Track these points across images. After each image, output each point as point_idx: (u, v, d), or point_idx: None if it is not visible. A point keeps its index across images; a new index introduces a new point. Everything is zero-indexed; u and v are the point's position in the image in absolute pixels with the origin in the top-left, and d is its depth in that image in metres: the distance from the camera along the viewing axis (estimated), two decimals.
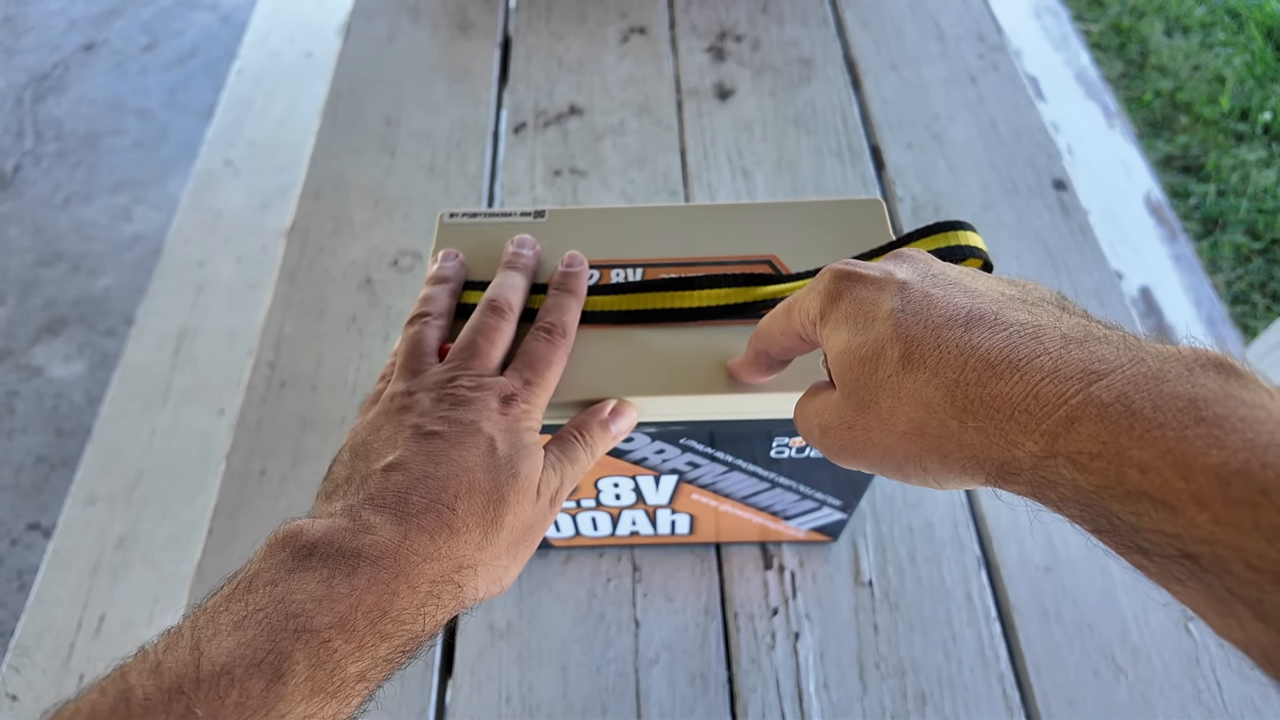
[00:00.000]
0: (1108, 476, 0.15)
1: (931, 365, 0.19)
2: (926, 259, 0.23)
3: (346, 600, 0.21)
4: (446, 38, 0.72)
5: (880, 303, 0.21)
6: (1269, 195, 1.34)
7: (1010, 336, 0.18)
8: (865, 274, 0.22)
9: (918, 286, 0.21)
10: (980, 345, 0.18)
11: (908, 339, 0.20)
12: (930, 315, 0.20)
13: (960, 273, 0.22)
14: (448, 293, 0.32)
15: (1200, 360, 0.16)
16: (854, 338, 0.21)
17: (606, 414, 0.29)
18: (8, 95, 1.60)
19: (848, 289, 0.22)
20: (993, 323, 0.19)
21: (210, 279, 0.58)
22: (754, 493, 0.37)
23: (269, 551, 0.23)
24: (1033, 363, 0.17)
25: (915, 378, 0.19)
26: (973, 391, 0.18)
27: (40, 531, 1.07)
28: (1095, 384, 0.16)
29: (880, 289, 0.21)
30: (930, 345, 0.19)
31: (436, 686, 0.40)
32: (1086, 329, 0.18)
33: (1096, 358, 0.17)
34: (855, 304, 0.22)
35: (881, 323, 0.21)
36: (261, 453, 0.48)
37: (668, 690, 0.39)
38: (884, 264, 0.23)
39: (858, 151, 0.62)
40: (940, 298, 0.20)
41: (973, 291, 0.20)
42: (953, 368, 0.19)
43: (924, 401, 0.19)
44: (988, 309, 0.19)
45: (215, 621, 0.20)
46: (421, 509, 0.24)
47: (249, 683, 0.19)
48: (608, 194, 0.60)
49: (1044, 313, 0.19)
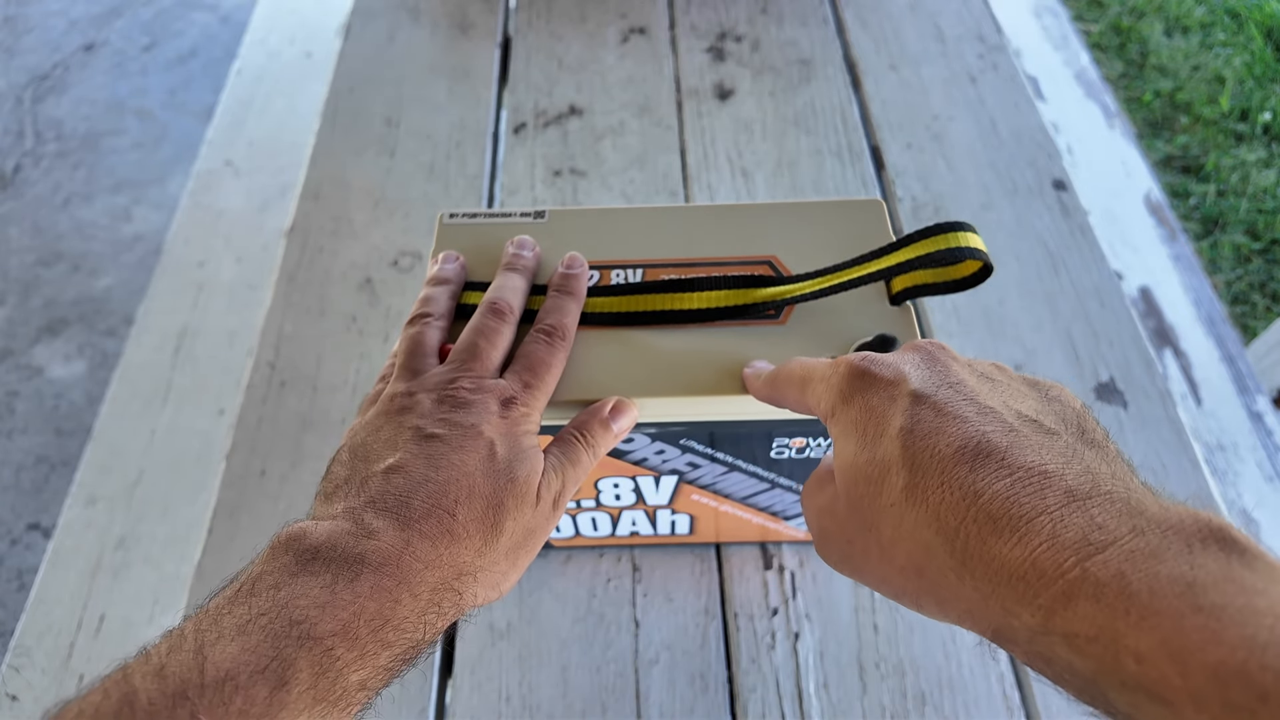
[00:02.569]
0: (1104, 662, 0.15)
1: (934, 505, 0.18)
2: (946, 357, 0.22)
3: (350, 608, 0.21)
4: (446, 38, 0.72)
5: (890, 417, 0.20)
6: (1269, 195, 1.34)
7: (1014, 485, 0.17)
8: (879, 376, 0.22)
9: (930, 399, 0.20)
10: (984, 491, 0.18)
11: (913, 467, 0.19)
12: (938, 444, 0.19)
13: (979, 378, 0.21)
14: (448, 294, 0.32)
15: (1201, 533, 0.15)
16: (861, 452, 0.21)
17: (607, 413, 0.29)
18: (8, 95, 1.60)
19: (860, 392, 0.22)
20: (1000, 462, 0.18)
21: (210, 279, 0.58)
22: (754, 493, 0.37)
23: (272, 554, 0.23)
24: (1033, 524, 0.17)
25: (917, 514, 0.19)
26: (973, 546, 0.17)
27: (40, 531, 1.07)
28: (1093, 558, 0.15)
29: (892, 399, 0.21)
30: (935, 481, 0.19)
31: (436, 686, 0.40)
32: (1094, 480, 0.17)
33: (1096, 525, 0.16)
34: (866, 412, 0.21)
35: (889, 441, 0.20)
36: (261, 453, 0.48)
37: (668, 690, 0.39)
38: (902, 362, 0.22)
39: (858, 152, 0.62)
40: (952, 418, 0.19)
41: (987, 412, 0.20)
42: (955, 513, 0.18)
43: (924, 543, 0.19)
44: (998, 442, 0.19)
45: (219, 624, 0.20)
46: (423, 514, 0.24)
47: (253, 689, 0.19)
48: (608, 194, 0.60)
49: (1057, 447, 0.18)
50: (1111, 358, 0.51)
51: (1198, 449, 0.47)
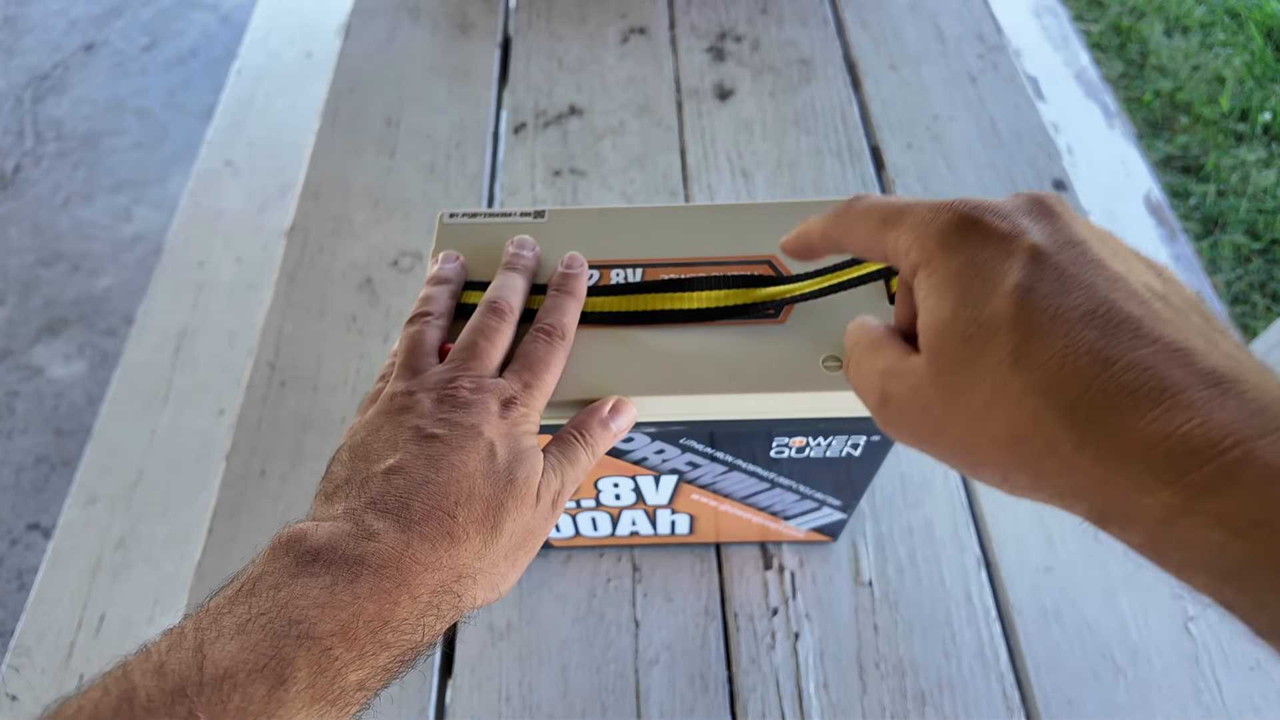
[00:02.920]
0: (1270, 546, 0.14)
1: (1053, 371, 0.16)
2: (1068, 216, 0.19)
3: (349, 608, 0.21)
4: (446, 38, 0.72)
5: (1004, 272, 0.18)
6: (1269, 195, 1.34)
7: (1155, 356, 0.16)
8: (994, 227, 0.19)
9: (1052, 258, 0.17)
10: (1118, 359, 0.16)
11: (1029, 328, 0.17)
12: (1062, 304, 0.17)
13: (1101, 242, 0.19)
14: (448, 293, 0.32)
15: None
16: (962, 308, 0.18)
17: (606, 412, 0.29)
18: (8, 95, 1.60)
19: (968, 243, 0.19)
20: (1135, 331, 0.16)
21: (210, 279, 0.58)
22: (754, 493, 0.37)
23: (272, 554, 0.23)
24: (1179, 398, 0.15)
25: (1028, 379, 0.17)
26: (1100, 418, 0.16)
27: (40, 531, 1.07)
28: (1257, 440, 0.14)
29: (1007, 253, 0.18)
30: (1056, 345, 0.16)
31: (436, 686, 0.40)
32: (1238, 364, 0.16)
33: (1255, 408, 0.15)
34: (972, 266, 0.18)
35: (1001, 299, 0.17)
36: (261, 453, 0.48)
37: (668, 690, 0.39)
38: (1018, 213, 0.19)
39: (857, 152, 0.62)
40: (1077, 280, 0.17)
41: (1115, 280, 0.17)
42: (1079, 381, 0.16)
43: (1031, 412, 0.17)
44: (1131, 311, 0.16)
45: (218, 623, 0.20)
46: (423, 515, 0.24)
47: (251, 688, 0.19)
48: (607, 194, 0.60)
49: (1190, 326, 0.17)
50: None
51: None
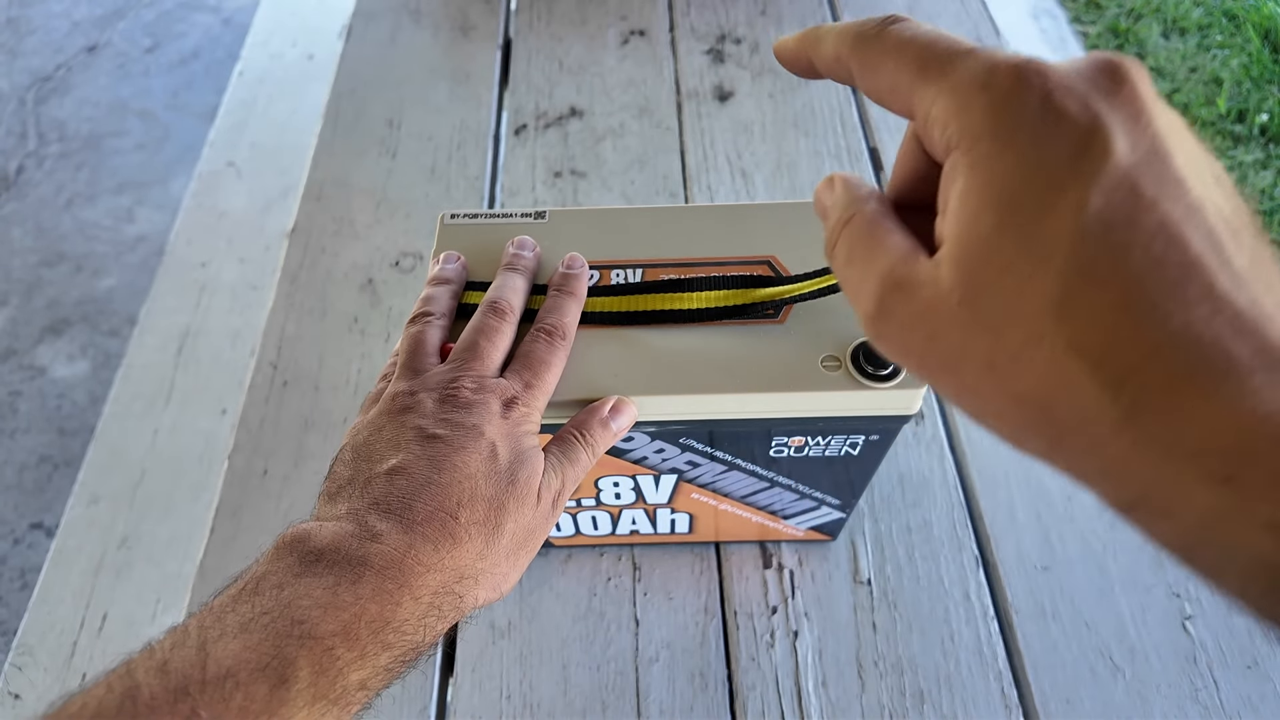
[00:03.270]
0: None
1: (1106, 330, 0.13)
2: (1150, 103, 0.15)
3: (351, 609, 0.21)
4: (448, 40, 0.72)
5: (1068, 185, 0.14)
6: (1266, 196, 1.34)
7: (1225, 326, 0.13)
8: (1066, 111, 0.14)
9: (1131, 173, 0.14)
10: (1180, 331, 0.13)
11: (1085, 272, 0.14)
12: (1133, 244, 0.13)
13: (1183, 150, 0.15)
14: (449, 294, 0.32)
15: None
16: (1008, 226, 0.14)
17: (606, 412, 0.29)
18: (11, 97, 1.61)
19: (1028, 131, 0.14)
20: (1206, 289, 0.13)
21: (213, 280, 0.59)
22: (753, 492, 0.37)
23: (276, 554, 0.23)
24: (1245, 383, 0.13)
25: (1073, 335, 0.14)
26: (1153, 398, 0.13)
27: (43, 531, 1.07)
28: None
29: (1079, 154, 0.14)
30: (1113, 301, 0.13)
31: (438, 684, 0.40)
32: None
33: None
34: (1031, 168, 0.14)
35: (1062, 222, 0.14)
36: (264, 452, 0.48)
37: (667, 688, 0.39)
38: (1093, 90, 0.15)
39: (856, 153, 0.62)
40: (1154, 209, 0.14)
41: (1192, 211, 0.14)
42: (1135, 349, 0.13)
43: (1068, 376, 0.14)
44: (1205, 260, 0.13)
45: (222, 622, 0.21)
46: (426, 517, 0.24)
47: (253, 687, 0.19)
48: (608, 195, 0.60)
49: (1260, 278, 0.14)
50: None
51: None
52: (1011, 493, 0.45)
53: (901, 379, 0.29)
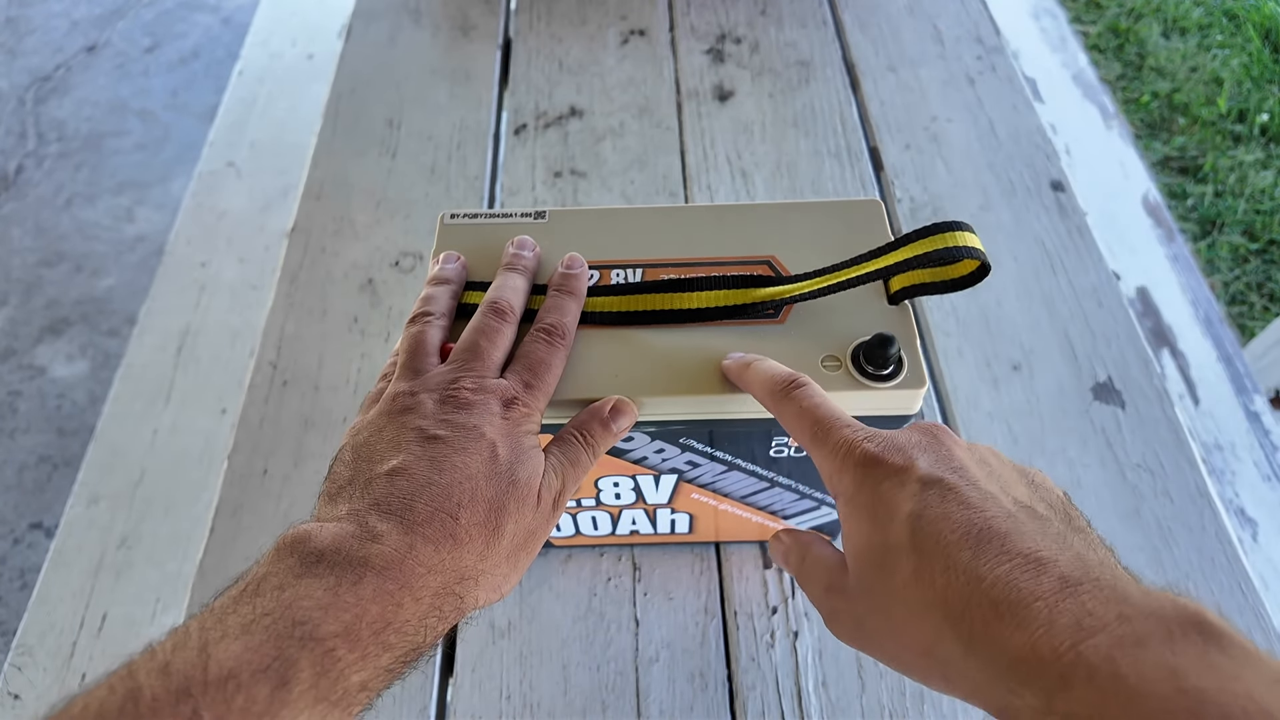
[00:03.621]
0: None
1: (940, 589, 0.20)
2: (949, 440, 0.23)
3: (352, 610, 0.21)
4: (448, 40, 0.72)
5: (899, 502, 0.22)
6: (1266, 196, 1.34)
7: (1014, 571, 0.19)
8: (890, 463, 0.22)
9: (937, 484, 0.21)
10: (986, 577, 0.19)
11: (921, 552, 0.20)
12: (943, 529, 0.20)
13: (980, 464, 0.22)
14: (449, 294, 0.32)
15: (1181, 620, 0.17)
16: (873, 535, 0.22)
17: (607, 412, 0.29)
18: (10, 96, 1.61)
19: (872, 479, 0.23)
20: (1000, 548, 0.19)
21: (212, 279, 0.59)
22: (753, 492, 0.37)
23: (277, 555, 0.23)
24: (1031, 608, 0.18)
25: (926, 597, 0.20)
26: (978, 630, 0.19)
27: (43, 531, 1.07)
28: (1085, 642, 0.17)
29: (901, 484, 0.22)
30: (940, 566, 0.20)
31: (437, 684, 0.40)
32: (1084, 566, 0.19)
33: (1087, 611, 0.18)
34: (876, 497, 0.22)
35: (899, 525, 0.21)
36: (264, 452, 0.48)
37: (667, 688, 0.39)
38: (910, 446, 0.23)
39: (856, 153, 0.62)
40: (956, 503, 0.21)
41: (988, 497, 0.21)
42: (960, 598, 0.19)
43: (933, 626, 0.20)
44: (999, 527, 0.20)
45: (223, 623, 0.21)
46: (426, 517, 0.24)
47: (255, 688, 0.19)
48: (608, 195, 0.60)
49: (1050, 533, 0.20)
50: (1109, 358, 0.51)
51: (1195, 449, 0.48)
52: None
53: (902, 379, 0.29)
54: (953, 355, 0.52)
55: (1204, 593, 0.42)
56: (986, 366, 0.51)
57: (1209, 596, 0.42)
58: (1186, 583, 0.42)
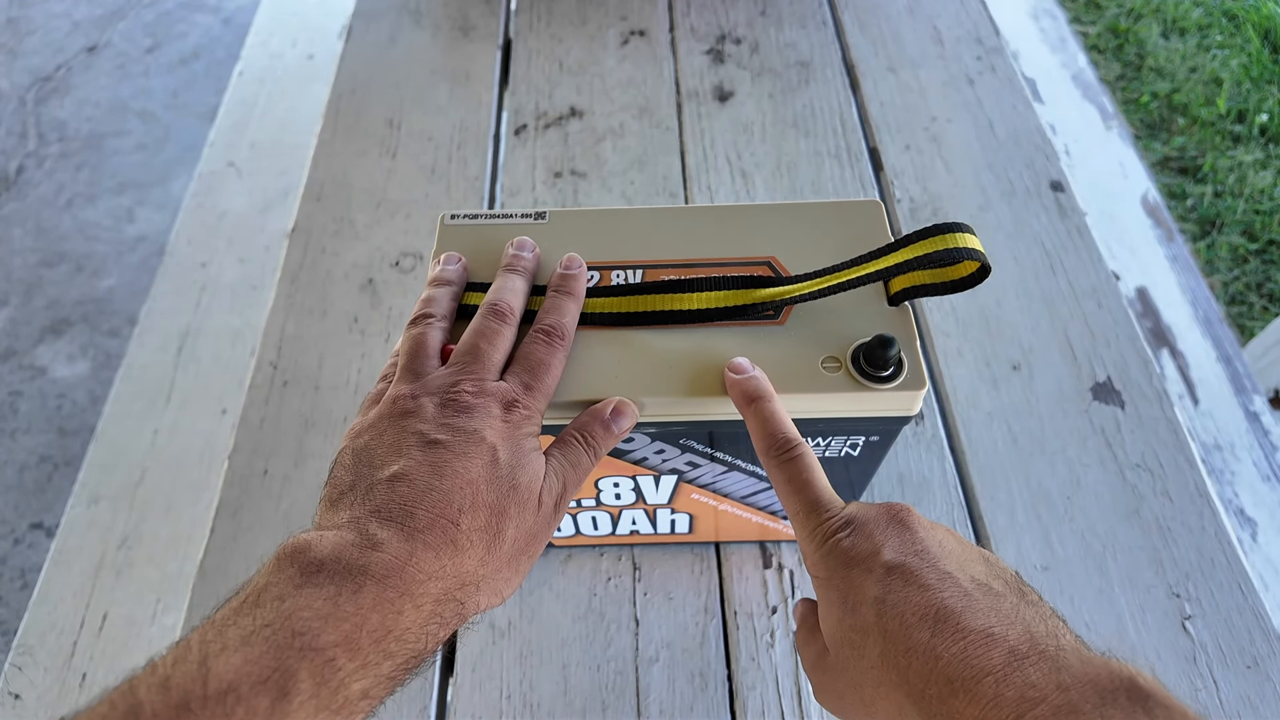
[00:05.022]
0: None
1: (902, 670, 0.22)
2: (914, 522, 0.25)
3: (352, 619, 0.21)
4: (448, 40, 0.72)
5: (866, 588, 0.24)
6: (1265, 196, 1.34)
7: (966, 648, 0.21)
8: (859, 550, 0.25)
9: (900, 569, 0.23)
10: (942, 655, 0.21)
11: (886, 634, 0.23)
12: (905, 611, 0.22)
13: (940, 546, 0.24)
14: (449, 295, 0.32)
15: (1114, 685, 0.19)
16: (844, 617, 0.24)
17: (608, 414, 0.29)
18: (11, 97, 1.61)
19: (843, 565, 0.25)
20: (955, 627, 0.22)
21: (213, 280, 0.59)
22: (753, 492, 0.38)
23: (277, 565, 0.23)
24: (981, 683, 0.20)
25: (890, 676, 0.22)
26: (935, 706, 0.21)
27: (43, 531, 1.07)
28: (1028, 714, 0.19)
29: (868, 570, 0.24)
30: (902, 647, 0.22)
31: (438, 684, 0.40)
32: (1031, 639, 0.21)
33: (1030, 684, 0.20)
34: (847, 582, 0.24)
35: (866, 609, 0.23)
36: (264, 452, 0.48)
37: (667, 688, 0.39)
38: (878, 531, 0.25)
39: (856, 153, 0.62)
40: (917, 586, 0.23)
41: (945, 577, 0.23)
42: (919, 677, 0.21)
43: (898, 703, 0.22)
44: (954, 606, 0.22)
45: (223, 635, 0.21)
46: (427, 524, 0.24)
47: (254, 700, 0.19)
48: (608, 196, 0.60)
49: (1003, 608, 0.22)
50: (1109, 358, 0.51)
51: (1195, 448, 0.48)
52: (1011, 493, 0.45)
53: (902, 380, 0.29)
54: (953, 356, 0.52)
55: (1203, 593, 0.42)
56: (986, 367, 0.51)
57: (1208, 596, 0.42)
58: (1186, 583, 0.42)
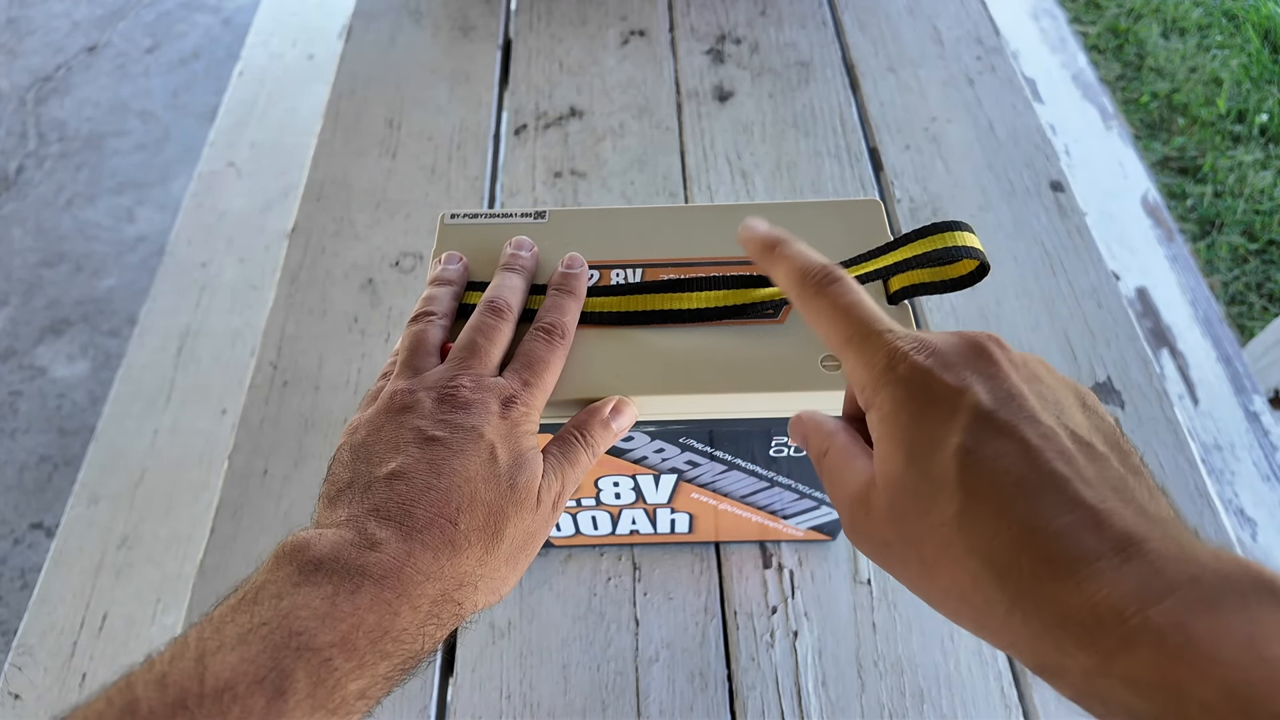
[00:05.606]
0: (1169, 707, 0.15)
1: (988, 537, 0.18)
2: (1006, 363, 0.20)
3: (349, 619, 0.21)
4: (448, 40, 0.72)
5: (947, 433, 0.19)
6: (1265, 196, 1.34)
7: (1073, 525, 0.17)
8: (941, 383, 0.20)
9: (992, 418, 0.19)
10: (1042, 529, 0.17)
11: (969, 493, 0.18)
12: (998, 468, 0.18)
13: (1036, 393, 0.20)
14: (450, 294, 0.32)
15: (1255, 585, 0.16)
16: (911, 464, 0.20)
17: (607, 412, 0.29)
18: (11, 97, 1.61)
19: (914, 401, 0.20)
20: (1059, 498, 0.18)
21: (213, 280, 0.59)
22: (753, 491, 0.38)
23: (275, 563, 0.23)
24: (1093, 567, 0.17)
25: (968, 542, 0.18)
26: (1027, 585, 0.17)
27: (43, 531, 1.07)
28: (1154, 606, 0.16)
29: (951, 412, 0.19)
30: (991, 512, 0.18)
31: (438, 684, 0.40)
32: (1148, 521, 0.17)
33: (1154, 571, 0.16)
34: (919, 422, 0.20)
35: (946, 460, 0.19)
36: (264, 452, 0.48)
37: (667, 688, 0.39)
38: (961, 364, 0.20)
39: (856, 153, 0.62)
40: (1013, 440, 0.19)
41: (1047, 435, 0.19)
42: (1010, 548, 0.18)
43: (972, 573, 0.18)
44: (1058, 470, 0.18)
45: (220, 633, 0.21)
46: (425, 524, 0.24)
47: (251, 699, 0.19)
48: (608, 195, 0.60)
49: (1110, 479, 0.18)
50: (1109, 358, 0.51)
51: (1195, 448, 0.48)
52: None
53: None
54: None
55: None
56: None
57: None
58: None
